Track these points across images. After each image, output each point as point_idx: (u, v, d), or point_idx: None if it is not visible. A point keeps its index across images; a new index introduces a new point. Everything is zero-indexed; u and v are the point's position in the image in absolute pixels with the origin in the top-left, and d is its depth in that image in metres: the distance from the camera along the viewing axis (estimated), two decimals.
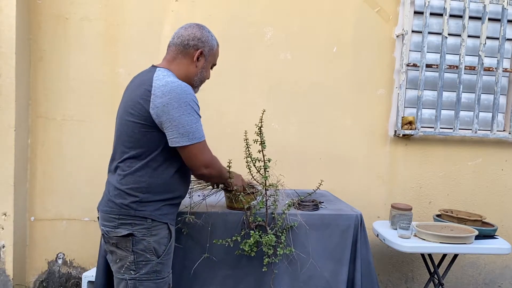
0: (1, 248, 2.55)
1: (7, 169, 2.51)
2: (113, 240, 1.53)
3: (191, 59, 1.61)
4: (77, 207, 2.75)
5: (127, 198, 1.52)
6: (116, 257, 1.55)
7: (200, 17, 2.71)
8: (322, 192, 2.66)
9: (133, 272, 1.52)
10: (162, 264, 1.55)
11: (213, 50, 1.65)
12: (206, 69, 1.66)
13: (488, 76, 2.99)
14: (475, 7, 2.91)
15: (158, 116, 1.46)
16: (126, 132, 1.53)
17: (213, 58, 1.68)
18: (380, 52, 2.88)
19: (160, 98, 1.46)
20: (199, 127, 1.51)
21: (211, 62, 1.68)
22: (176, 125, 1.46)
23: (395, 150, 2.94)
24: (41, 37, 2.64)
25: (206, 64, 1.65)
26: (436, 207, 2.97)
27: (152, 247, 1.53)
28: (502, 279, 3.12)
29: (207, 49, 1.62)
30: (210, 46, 1.63)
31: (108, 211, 1.54)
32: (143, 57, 2.70)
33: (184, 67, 1.61)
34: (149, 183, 1.52)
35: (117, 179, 1.55)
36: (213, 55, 1.67)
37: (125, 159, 1.54)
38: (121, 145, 1.56)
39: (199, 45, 1.60)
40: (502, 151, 3.02)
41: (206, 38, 1.62)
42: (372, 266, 2.04)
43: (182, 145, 1.48)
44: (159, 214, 1.55)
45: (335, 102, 2.87)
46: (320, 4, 2.81)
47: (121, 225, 1.51)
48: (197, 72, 1.63)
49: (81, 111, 2.70)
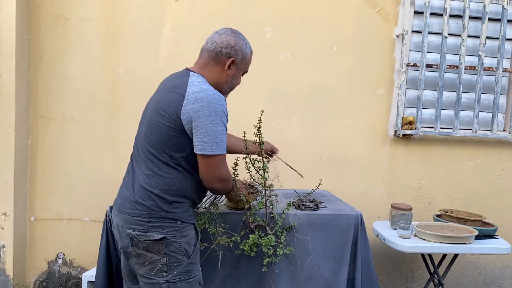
0: (1, 248, 2.55)
1: (7, 169, 2.51)
2: (143, 244, 1.50)
3: (222, 66, 1.58)
4: (77, 207, 2.75)
5: (158, 200, 1.51)
6: (146, 260, 1.52)
7: (200, 17, 2.71)
8: (322, 192, 2.65)
9: (164, 274, 1.51)
10: (192, 264, 1.56)
11: (245, 58, 1.63)
12: (237, 77, 1.65)
13: (488, 76, 2.99)
14: (475, 7, 2.91)
15: (188, 122, 1.47)
16: (154, 133, 1.52)
17: (245, 66, 1.65)
18: (380, 52, 2.88)
19: (193, 104, 1.46)
20: (223, 139, 1.50)
21: (243, 69, 1.66)
22: (202, 132, 1.46)
23: (395, 150, 2.94)
24: (41, 37, 2.64)
25: (237, 72, 1.63)
26: (436, 207, 2.97)
27: (183, 248, 1.53)
28: (502, 279, 3.12)
29: (239, 57, 1.60)
30: (243, 54, 1.60)
31: (136, 214, 1.51)
32: (143, 57, 2.70)
33: (215, 74, 1.59)
34: (179, 186, 1.53)
35: (144, 180, 1.52)
36: (245, 63, 1.65)
37: (152, 160, 1.52)
38: (147, 144, 1.54)
39: (232, 53, 1.58)
40: (502, 151, 3.02)
41: (240, 47, 1.59)
42: (372, 266, 2.04)
43: (204, 153, 1.48)
44: (188, 215, 1.57)
45: (335, 102, 2.87)
46: (320, 4, 2.81)
47: (151, 228, 1.50)
48: (227, 80, 1.61)
49: (81, 111, 2.70)
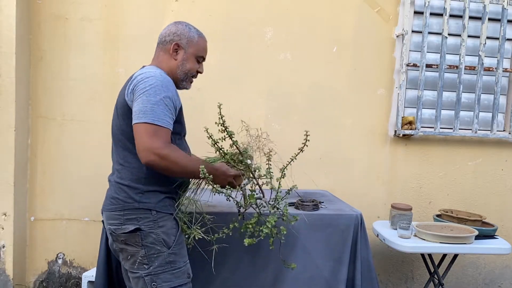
0: (1, 248, 2.55)
1: (7, 169, 2.51)
2: (121, 237, 1.53)
3: (169, 53, 1.63)
4: (77, 207, 2.75)
5: (129, 191, 1.53)
6: (127, 254, 1.54)
7: (200, 17, 2.71)
8: (322, 192, 2.66)
9: (146, 266, 1.51)
10: (174, 255, 1.55)
11: (192, 41, 1.64)
12: (187, 61, 1.64)
13: (488, 76, 2.99)
14: (475, 7, 2.91)
15: (130, 100, 1.50)
16: (116, 126, 1.58)
17: (194, 49, 1.65)
18: (380, 52, 2.88)
19: (135, 83, 1.50)
20: (157, 111, 1.44)
21: (194, 54, 1.65)
22: (136, 104, 1.46)
23: (395, 150, 2.94)
24: (41, 37, 2.64)
25: (186, 56, 1.64)
26: (436, 207, 2.97)
27: (161, 239, 1.53)
28: (502, 279, 3.12)
29: (184, 41, 1.63)
30: (187, 37, 1.64)
31: (112, 209, 1.55)
32: (143, 57, 2.68)
33: (165, 63, 1.63)
34: (146, 173, 1.53)
35: (116, 175, 1.57)
36: (194, 46, 1.65)
37: (119, 154, 1.57)
38: (114, 141, 1.61)
39: (175, 38, 1.63)
40: (502, 151, 3.02)
41: (182, 31, 1.64)
42: (372, 266, 2.04)
43: (133, 123, 1.45)
44: (163, 205, 1.55)
45: (335, 102, 2.87)
46: (320, 4, 2.81)
47: (127, 221, 1.51)
48: (178, 65, 1.63)
49: (81, 111, 2.70)
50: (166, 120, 1.46)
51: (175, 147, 1.49)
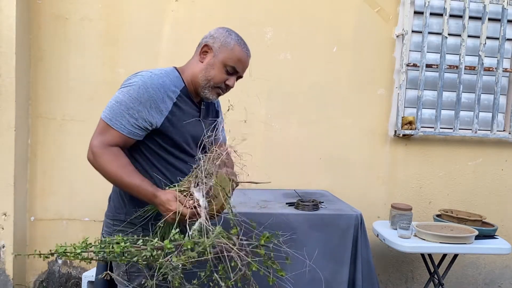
0: (1, 248, 2.55)
1: (7, 169, 2.51)
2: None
3: (198, 55, 1.45)
4: (77, 207, 2.75)
5: (118, 198, 1.47)
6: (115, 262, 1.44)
7: (200, 17, 2.71)
8: (322, 192, 2.66)
9: (126, 283, 1.40)
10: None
11: (226, 46, 1.41)
12: (213, 67, 1.41)
13: (488, 76, 2.99)
14: (475, 7, 2.91)
15: None
16: None
17: (226, 56, 1.41)
18: (380, 52, 2.88)
19: None
20: (116, 110, 1.33)
21: (224, 61, 1.41)
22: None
23: (395, 150, 2.94)
24: (41, 37, 2.64)
25: (214, 61, 1.41)
26: (436, 207, 2.97)
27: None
28: (502, 279, 3.12)
29: (217, 44, 1.41)
30: (222, 42, 1.41)
31: (106, 214, 1.50)
32: (143, 57, 2.70)
33: (190, 67, 1.46)
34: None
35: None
36: (226, 52, 1.41)
37: None
38: None
39: (209, 40, 1.43)
40: (502, 151, 3.02)
41: (219, 34, 1.43)
42: (373, 267, 2.04)
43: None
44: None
45: (335, 102, 2.87)
46: (320, 4, 2.81)
47: (116, 232, 1.40)
48: (202, 69, 1.42)
49: (81, 111, 2.70)
50: (119, 123, 1.32)
51: (116, 153, 1.34)
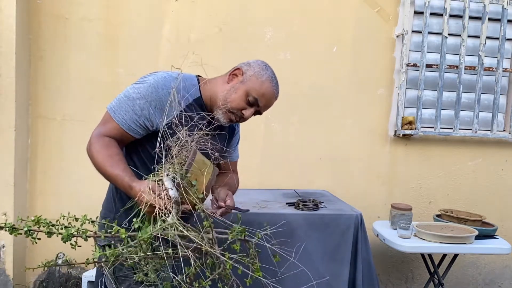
0: (1, 248, 2.55)
1: (7, 169, 2.51)
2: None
3: (228, 76, 1.42)
4: (77, 207, 2.74)
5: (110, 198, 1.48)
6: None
7: (200, 17, 2.71)
8: (322, 192, 2.66)
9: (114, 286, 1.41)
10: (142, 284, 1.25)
11: (257, 78, 1.38)
12: (236, 91, 1.37)
13: (488, 76, 2.99)
14: (475, 7, 2.91)
15: None
16: None
17: (252, 86, 1.37)
18: (380, 52, 2.88)
19: None
20: (123, 103, 1.34)
21: (248, 90, 1.37)
22: None
23: (395, 150, 2.94)
24: (41, 37, 2.64)
25: (239, 85, 1.37)
26: (436, 207, 2.96)
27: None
28: (502, 279, 3.12)
29: (249, 72, 1.38)
30: (255, 72, 1.39)
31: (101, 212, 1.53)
32: (143, 57, 2.70)
33: (214, 83, 1.42)
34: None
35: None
36: (254, 83, 1.37)
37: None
38: None
39: (244, 66, 1.41)
40: (502, 151, 3.02)
41: (256, 65, 1.41)
42: (373, 267, 2.04)
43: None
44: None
45: (335, 102, 2.87)
46: (320, 4, 2.81)
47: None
48: (224, 89, 1.38)
49: (81, 111, 2.70)
50: (121, 117, 1.33)
51: (107, 143, 1.34)
